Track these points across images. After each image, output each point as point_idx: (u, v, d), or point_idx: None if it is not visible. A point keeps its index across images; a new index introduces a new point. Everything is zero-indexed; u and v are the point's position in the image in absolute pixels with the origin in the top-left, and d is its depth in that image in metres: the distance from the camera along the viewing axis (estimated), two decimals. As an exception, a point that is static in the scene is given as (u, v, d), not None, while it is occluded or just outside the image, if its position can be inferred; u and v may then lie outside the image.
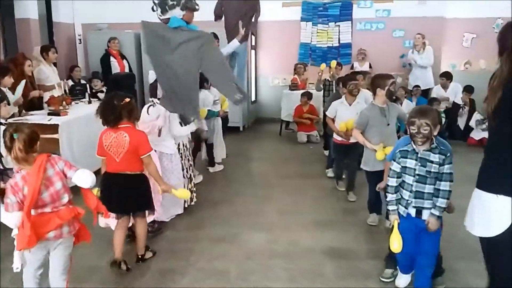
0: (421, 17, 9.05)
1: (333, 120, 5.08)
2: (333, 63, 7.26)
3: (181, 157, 4.49)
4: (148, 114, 4.07)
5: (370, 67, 8.92)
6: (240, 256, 3.80)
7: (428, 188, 2.84)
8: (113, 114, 3.19)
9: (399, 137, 3.84)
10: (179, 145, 4.47)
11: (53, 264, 2.67)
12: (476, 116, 7.60)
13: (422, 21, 8.99)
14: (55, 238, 2.58)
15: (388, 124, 4.03)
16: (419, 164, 2.83)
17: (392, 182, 2.96)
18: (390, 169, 2.97)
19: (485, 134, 6.78)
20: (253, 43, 9.47)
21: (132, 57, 8.78)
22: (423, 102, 7.79)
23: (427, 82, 8.51)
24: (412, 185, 2.87)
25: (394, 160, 2.94)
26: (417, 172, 2.84)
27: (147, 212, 3.56)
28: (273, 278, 3.43)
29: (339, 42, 9.61)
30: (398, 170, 2.93)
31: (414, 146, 2.85)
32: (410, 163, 2.87)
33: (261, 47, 9.90)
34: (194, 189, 4.84)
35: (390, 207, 2.98)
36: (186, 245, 4.02)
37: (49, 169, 2.53)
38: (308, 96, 7.99)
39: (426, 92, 8.43)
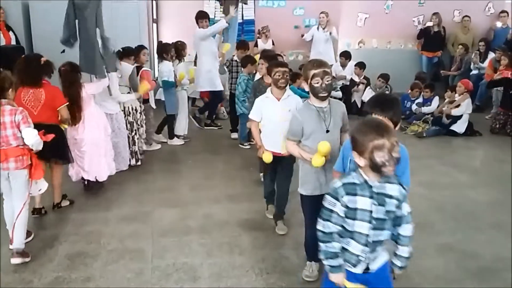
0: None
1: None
2: (226, 46, 6.90)
3: (128, 118, 5.19)
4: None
5: (273, 44, 9.07)
6: (154, 234, 3.72)
7: (385, 235, 2.07)
8: (35, 74, 3.77)
9: None
10: (127, 107, 5.18)
11: (12, 192, 3.28)
12: (368, 91, 8.09)
13: (321, 0, 9.31)
14: (4, 169, 3.19)
15: (328, 131, 2.82)
16: (376, 203, 1.98)
17: (329, 227, 2.04)
18: (327, 208, 2.04)
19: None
20: (155, 17, 9.12)
21: (20, 28, 7.96)
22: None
23: (328, 58, 8.89)
24: (367, 235, 2.01)
25: (337, 198, 2.01)
26: (374, 215, 1.99)
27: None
28: (191, 253, 3.41)
29: (242, 19, 9.60)
30: (342, 215, 2.01)
31: (366, 177, 1.99)
32: (364, 203, 1.98)
33: (162, 22, 9.55)
34: (140, 152, 5.40)
35: (329, 262, 2.08)
36: (95, 227, 3.84)
37: (6, 116, 3.12)
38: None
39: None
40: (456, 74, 9.01)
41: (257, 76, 5.41)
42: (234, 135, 6.54)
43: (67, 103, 3.91)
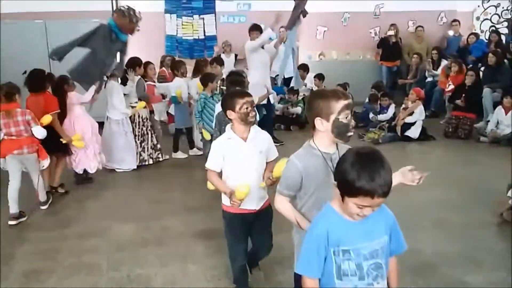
0: (279, 11, 9.65)
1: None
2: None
3: (136, 125, 6.00)
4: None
5: (236, 59, 9.28)
6: (111, 248, 3.81)
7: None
8: (42, 84, 4.84)
9: None
10: (135, 115, 5.97)
11: (28, 169, 4.52)
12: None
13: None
14: (19, 154, 4.35)
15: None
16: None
17: None
18: None
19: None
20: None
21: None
22: (280, 90, 8.40)
23: (288, 71, 9.13)
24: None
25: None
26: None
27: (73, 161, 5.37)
28: (146, 265, 3.51)
29: (204, 35, 9.81)
30: None
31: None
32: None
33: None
34: (148, 153, 6.12)
35: None
36: (53, 244, 3.90)
37: (19, 116, 4.32)
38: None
39: (289, 80, 9.04)
40: (412, 82, 9.39)
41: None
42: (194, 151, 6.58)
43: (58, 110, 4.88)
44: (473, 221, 4.20)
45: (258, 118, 5.02)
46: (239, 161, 2.72)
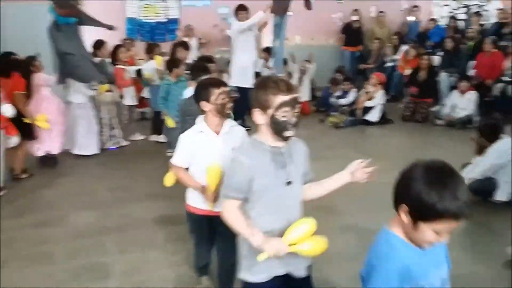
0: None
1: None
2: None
3: (100, 109, 5.98)
4: None
5: (200, 43, 9.15)
6: (68, 236, 3.73)
7: None
8: (6, 69, 4.87)
9: None
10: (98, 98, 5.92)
11: None
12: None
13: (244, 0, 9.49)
14: None
15: (289, 183, 1.90)
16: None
17: None
18: None
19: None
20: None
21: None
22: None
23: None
24: None
25: None
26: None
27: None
28: (104, 252, 3.46)
29: (166, 18, 9.62)
30: None
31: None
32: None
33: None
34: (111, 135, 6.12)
35: None
36: (7, 234, 3.77)
37: None
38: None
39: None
40: (373, 67, 9.54)
41: (188, 92, 3.85)
42: (155, 138, 6.47)
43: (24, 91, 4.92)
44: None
45: None
46: (210, 157, 2.43)
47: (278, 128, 1.81)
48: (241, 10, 6.46)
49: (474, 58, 7.82)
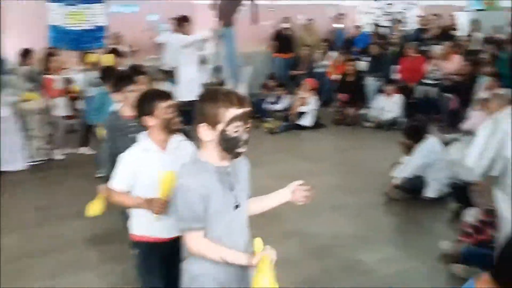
0: (171, 1, 9.45)
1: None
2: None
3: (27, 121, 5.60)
4: None
5: (131, 50, 8.88)
6: (-9, 262, 3.41)
7: None
8: None
9: None
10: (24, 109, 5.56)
11: None
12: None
13: (172, 6, 9.35)
14: None
15: (237, 207, 1.78)
16: None
17: None
18: None
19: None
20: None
21: None
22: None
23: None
24: None
25: None
26: None
27: None
28: (33, 278, 3.20)
29: (93, 25, 9.24)
30: None
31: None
32: None
33: (4, 30, 8.74)
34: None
35: None
36: None
37: None
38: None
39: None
40: (304, 73, 9.75)
41: (116, 105, 3.27)
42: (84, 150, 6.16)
43: None
44: (364, 202, 4.47)
45: None
46: (155, 177, 2.17)
47: (229, 145, 1.65)
48: (185, 22, 6.31)
49: (397, 62, 8.22)
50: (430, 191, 4.47)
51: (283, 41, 10.14)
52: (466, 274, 3.13)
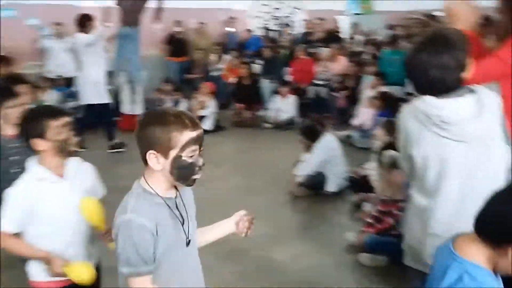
0: (54, 4, 8.83)
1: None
2: None
3: None
4: None
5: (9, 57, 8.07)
6: None
7: None
8: None
9: None
10: None
11: None
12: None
13: (53, 9, 8.76)
14: None
15: (189, 242, 1.60)
16: None
17: None
18: None
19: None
20: None
21: None
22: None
23: (68, 69, 8.40)
24: None
25: None
26: None
27: None
28: None
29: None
30: None
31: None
32: None
33: None
34: None
35: None
36: None
37: None
38: None
39: (71, 80, 8.32)
40: (199, 76, 9.72)
41: None
42: None
43: None
44: (271, 202, 4.58)
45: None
46: (57, 210, 1.90)
47: (184, 173, 1.47)
48: (87, 21, 5.91)
49: (289, 64, 8.58)
50: (331, 186, 4.73)
51: (176, 44, 10.01)
52: (372, 262, 3.38)
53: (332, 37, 9.47)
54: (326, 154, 4.80)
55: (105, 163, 5.45)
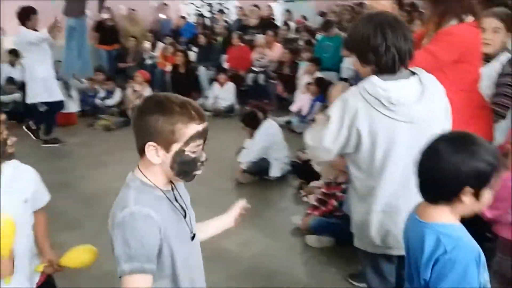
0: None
1: None
2: None
3: None
4: None
5: None
6: None
7: None
8: None
9: None
10: None
11: None
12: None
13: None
14: None
15: (193, 237, 1.53)
16: None
17: None
18: None
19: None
20: None
21: None
22: None
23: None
24: None
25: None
26: None
27: None
28: None
29: None
30: None
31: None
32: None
33: None
34: None
35: None
36: None
37: None
38: None
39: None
40: (132, 65, 9.41)
41: None
42: None
43: None
44: (216, 190, 4.55)
45: None
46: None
47: (186, 168, 1.37)
48: (32, 14, 5.49)
49: (225, 51, 8.53)
50: (274, 171, 4.80)
51: (105, 32, 9.61)
52: (319, 244, 3.49)
53: (267, 24, 9.52)
54: (268, 140, 4.86)
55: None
